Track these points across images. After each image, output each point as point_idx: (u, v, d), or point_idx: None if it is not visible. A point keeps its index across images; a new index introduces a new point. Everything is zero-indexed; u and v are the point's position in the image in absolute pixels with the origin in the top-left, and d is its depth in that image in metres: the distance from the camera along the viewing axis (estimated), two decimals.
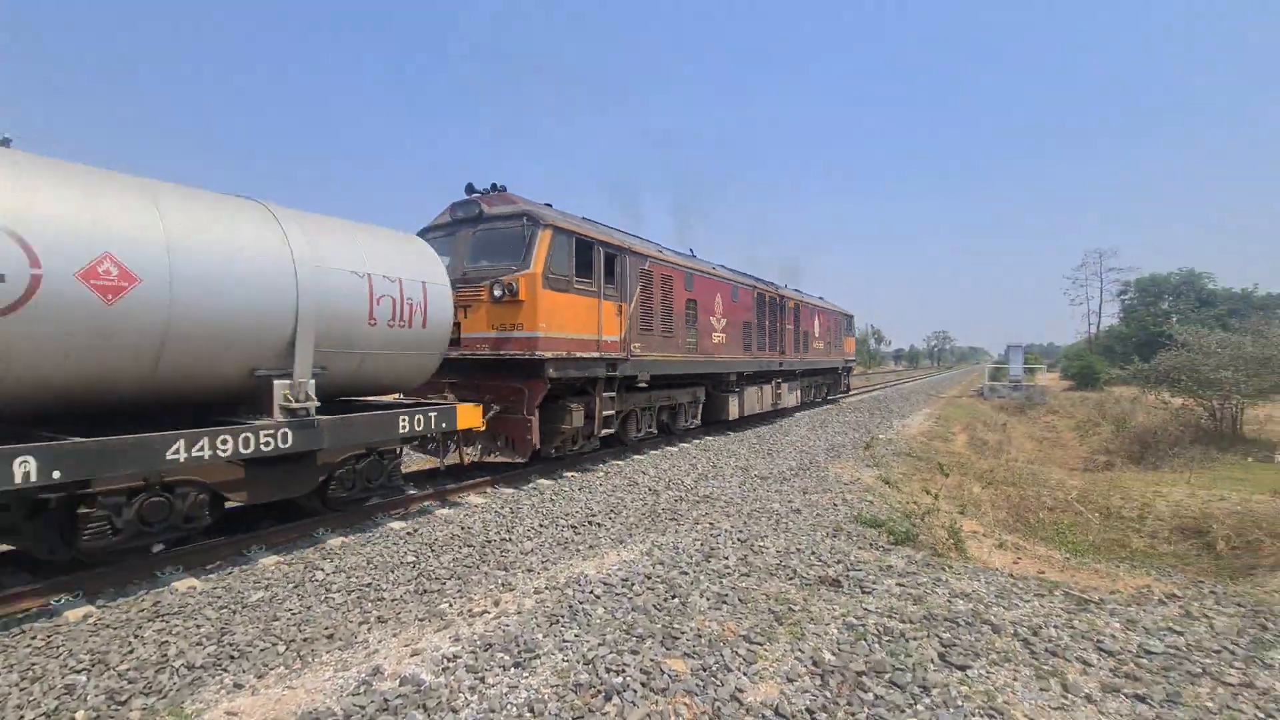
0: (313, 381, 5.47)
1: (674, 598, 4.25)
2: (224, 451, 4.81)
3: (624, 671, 3.22)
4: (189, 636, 3.77)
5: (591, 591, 4.35)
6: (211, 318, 4.80)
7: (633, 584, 4.50)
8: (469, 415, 7.03)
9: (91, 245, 4.19)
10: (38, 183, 4.15)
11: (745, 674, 3.24)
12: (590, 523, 6.40)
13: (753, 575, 4.76)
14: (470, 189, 9.27)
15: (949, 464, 11.81)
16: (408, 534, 5.93)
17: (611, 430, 9.88)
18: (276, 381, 5.24)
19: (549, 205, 9.35)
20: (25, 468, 3.86)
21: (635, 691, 3.04)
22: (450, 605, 4.31)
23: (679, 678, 3.18)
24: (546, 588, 4.50)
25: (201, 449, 4.67)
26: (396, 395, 7.57)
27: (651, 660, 3.34)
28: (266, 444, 5.08)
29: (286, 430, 5.22)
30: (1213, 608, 4.43)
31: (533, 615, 3.97)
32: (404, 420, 6.30)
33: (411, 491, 7.37)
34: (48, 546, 4.61)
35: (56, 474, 3.99)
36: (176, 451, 4.53)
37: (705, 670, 3.26)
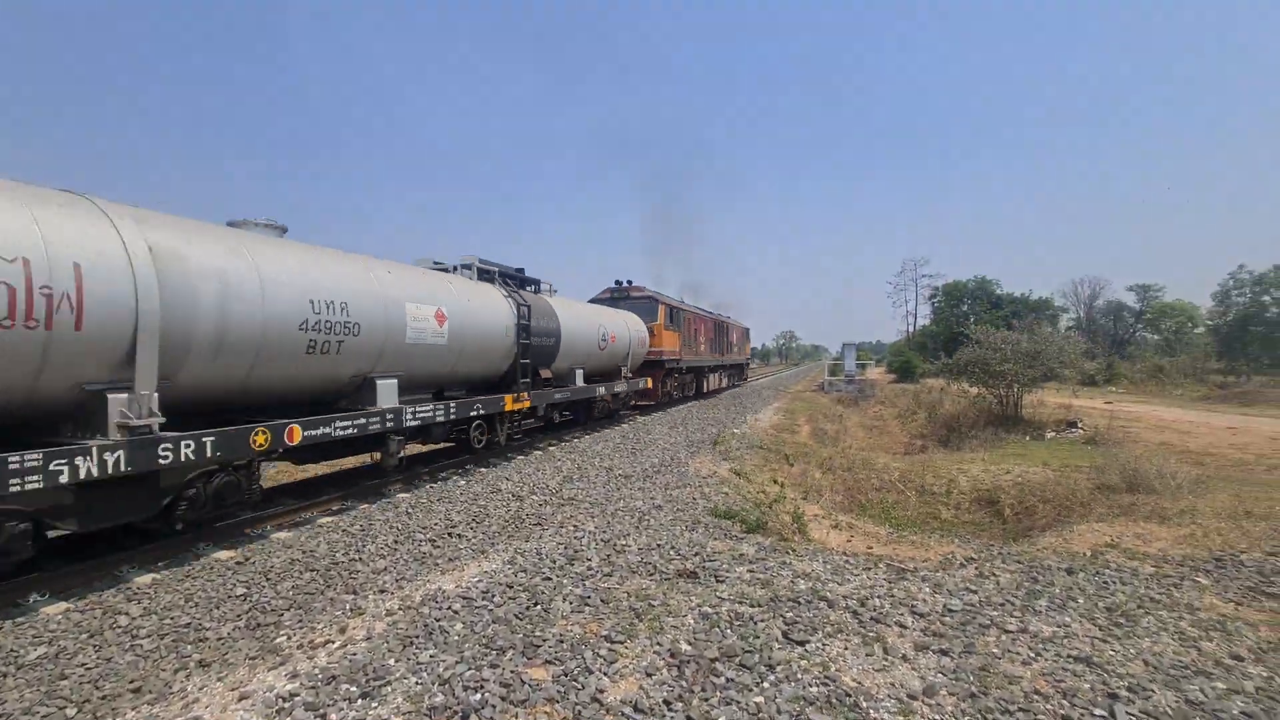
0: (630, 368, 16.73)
1: (536, 605, 4.21)
2: (616, 389, 15.44)
3: (483, 687, 3.13)
4: None
5: (449, 607, 4.19)
6: (622, 350, 15.87)
7: (493, 595, 4.40)
8: (648, 382, 17.67)
9: (606, 332, 14.98)
10: (573, 307, 14.47)
11: (606, 674, 3.29)
12: (450, 534, 6.16)
13: (615, 574, 4.84)
14: (618, 281, 19.85)
15: (794, 454, 12.84)
16: (237, 564, 5.33)
17: (673, 394, 21.50)
18: (622, 367, 16.14)
19: (645, 287, 19.95)
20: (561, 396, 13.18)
21: (495, 707, 2.98)
22: (288, 638, 3.93)
23: (540, 686, 3.16)
24: (400, 608, 4.26)
25: (617, 386, 15.54)
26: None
27: (512, 672, 3.28)
28: (620, 390, 15.60)
29: (624, 384, 15.90)
30: (1000, 567, 5.23)
31: (384, 639, 3.73)
32: (638, 383, 16.92)
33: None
34: (549, 418, 13.31)
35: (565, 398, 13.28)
36: (600, 391, 14.42)
37: (567, 675, 3.27)
